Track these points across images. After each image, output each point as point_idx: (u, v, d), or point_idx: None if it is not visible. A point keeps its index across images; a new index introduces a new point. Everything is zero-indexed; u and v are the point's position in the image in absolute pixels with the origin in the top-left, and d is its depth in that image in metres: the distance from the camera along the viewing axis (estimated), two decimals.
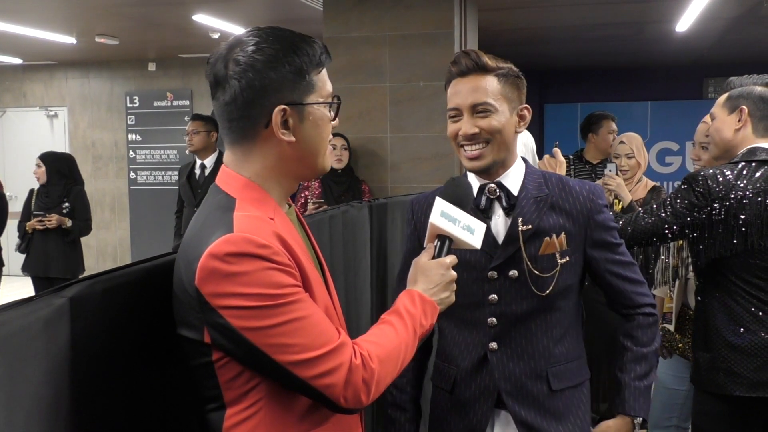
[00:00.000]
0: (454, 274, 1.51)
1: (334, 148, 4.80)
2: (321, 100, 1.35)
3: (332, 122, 1.40)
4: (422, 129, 4.99)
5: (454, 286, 1.51)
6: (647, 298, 1.92)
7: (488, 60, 1.79)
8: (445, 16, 4.90)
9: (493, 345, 1.82)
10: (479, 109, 1.77)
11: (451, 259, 1.51)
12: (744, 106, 2.38)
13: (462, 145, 1.81)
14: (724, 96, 2.47)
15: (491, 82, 1.78)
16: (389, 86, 5.03)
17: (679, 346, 2.88)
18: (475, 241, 1.56)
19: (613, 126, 4.76)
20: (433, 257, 1.51)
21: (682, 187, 2.35)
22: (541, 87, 10.44)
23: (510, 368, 1.82)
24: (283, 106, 1.29)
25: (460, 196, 1.68)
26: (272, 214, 1.31)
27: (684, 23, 6.82)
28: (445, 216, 1.54)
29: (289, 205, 1.44)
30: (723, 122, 2.44)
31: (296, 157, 1.34)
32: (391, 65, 5.01)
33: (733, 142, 2.40)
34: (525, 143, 3.46)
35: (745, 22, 6.85)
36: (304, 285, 1.29)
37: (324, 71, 1.37)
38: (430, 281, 1.47)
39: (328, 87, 1.38)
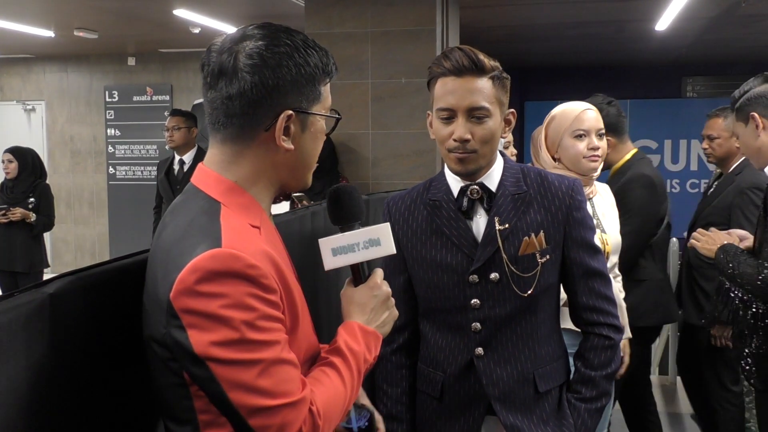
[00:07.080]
0: (386, 289, 1.41)
1: None
2: (323, 111, 1.30)
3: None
4: (404, 125, 5.00)
5: (392, 301, 1.42)
6: (611, 318, 1.82)
7: (485, 60, 1.69)
8: (427, 13, 4.91)
9: (479, 350, 1.76)
10: (476, 114, 1.68)
11: (378, 275, 1.41)
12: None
13: (450, 148, 1.72)
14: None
15: (487, 85, 1.68)
16: (371, 83, 5.02)
17: None
18: (386, 249, 1.39)
19: None
20: (358, 284, 1.41)
21: None
22: (521, 84, 10.47)
23: (498, 373, 1.75)
24: (290, 111, 1.22)
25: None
26: (258, 222, 1.23)
27: (663, 22, 6.87)
28: (339, 252, 1.38)
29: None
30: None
31: (289, 167, 1.28)
32: (373, 62, 5.01)
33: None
34: None
35: (724, 21, 6.92)
36: (290, 305, 1.21)
37: (329, 84, 1.31)
38: (365, 309, 1.37)
39: (330, 100, 1.32)
